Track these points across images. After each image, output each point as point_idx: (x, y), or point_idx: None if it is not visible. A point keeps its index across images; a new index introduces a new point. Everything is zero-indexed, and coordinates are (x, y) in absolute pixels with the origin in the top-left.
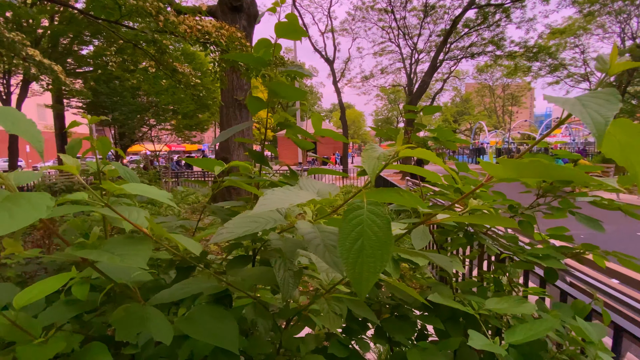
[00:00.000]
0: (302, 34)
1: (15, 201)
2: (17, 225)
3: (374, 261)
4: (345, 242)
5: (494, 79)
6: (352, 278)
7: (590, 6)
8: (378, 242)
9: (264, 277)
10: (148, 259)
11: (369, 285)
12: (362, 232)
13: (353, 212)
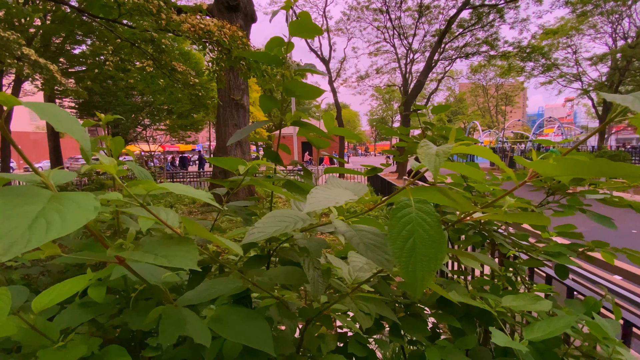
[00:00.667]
0: (317, 32)
1: (62, 202)
2: (69, 228)
3: (428, 260)
4: (397, 241)
5: (487, 79)
6: (406, 277)
7: (583, 6)
8: (430, 240)
9: (291, 277)
10: (197, 259)
11: (423, 285)
12: (413, 230)
13: (401, 210)
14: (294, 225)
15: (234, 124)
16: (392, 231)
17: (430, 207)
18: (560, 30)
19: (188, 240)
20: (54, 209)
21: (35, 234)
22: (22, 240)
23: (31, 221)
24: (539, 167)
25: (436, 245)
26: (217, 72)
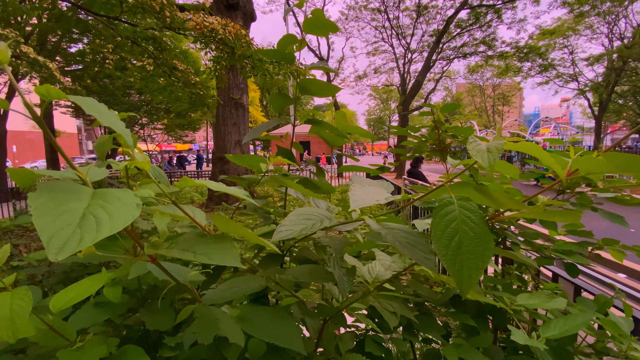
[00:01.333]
0: (332, 29)
1: (105, 199)
2: (117, 225)
3: (475, 258)
4: (442, 239)
5: (484, 79)
6: (454, 275)
7: (580, 7)
8: (476, 238)
9: (316, 275)
10: (239, 257)
11: (471, 283)
12: (458, 228)
13: (444, 208)
14: (320, 223)
15: (233, 123)
16: (436, 229)
17: (473, 204)
18: (557, 30)
19: (225, 238)
20: (99, 206)
21: (87, 232)
22: (75, 238)
23: (79, 219)
24: (584, 164)
25: (482, 243)
26: (217, 70)
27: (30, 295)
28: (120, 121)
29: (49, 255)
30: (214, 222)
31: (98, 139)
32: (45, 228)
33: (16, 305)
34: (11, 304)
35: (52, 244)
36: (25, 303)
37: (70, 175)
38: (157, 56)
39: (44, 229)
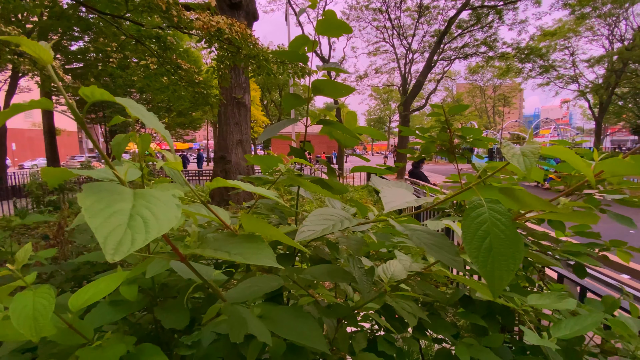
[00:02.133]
0: (346, 30)
1: (147, 199)
2: (164, 226)
3: (506, 260)
4: (473, 241)
5: (484, 80)
6: (485, 277)
7: (581, 9)
8: (507, 240)
9: (334, 275)
10: (274, 256)
11: (502, 284)
12: (489, 230)
13: (474, 210)
14: (341, 224)
15: (235, 122)
16: (467, 231)
17: (503, 207)
18: (558, 32)
19: (256, 238)
20: (144, 207)
21: (137, 233)
22: (127, 239)
23: (128, 219)
24: (610, 166)
25: (513, 245)
26: (221, 70)
27: (53, 294)
28: (158, 121)
29: (107, 256)
30: (241, 222)
31: (114, 138)
32: (100, 229)
33: (39, 304)
34: (34, 303)
35: (107, 245)
36: (48, 301)
37: (106, 175)
38: (161, 55)
39: (98, 230)
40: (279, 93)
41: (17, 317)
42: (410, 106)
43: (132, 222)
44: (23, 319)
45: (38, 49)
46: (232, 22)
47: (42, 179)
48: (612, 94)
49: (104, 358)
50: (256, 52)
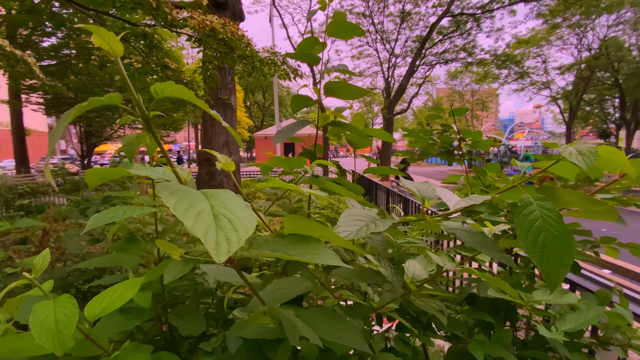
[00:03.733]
0: (358, 33)
1: (219, 199)
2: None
3: (560, 255)
4: (528, 238)
5: (463, 85)
6: (543, 271)
7: (552, 19)
8: (559, 236)
9: (364, 276)
10: (337, 256)
11: (559, 278)
12: (542, 227)
13: (525, 208)
14: (375, 226)
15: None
16: (521, 228)
17: (550, 204)
18: (531, 40)
19: (310, 238)
20: (222, 207)
21: (229, 233)
22: (222, 239)
23: (213, 219)
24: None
25: (565, 240)
26: (209, 70)
27: (75, 303)
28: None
29: (213, 257)
30: (285, 223)
31: (125, 139)
32: (195, 229)
33: (61, 314)
34: (55, 313)
35: (209, 245)
36: (71, 312)
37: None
38: (147, 53)
39: (194, 229)
40: (262, 95)
41: (39, 329)
42: (394, 109)
43: (218, 222)
44: (45, 331)
45: (111, 40)
46: (225, 22)
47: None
48: (580, 99)
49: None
50: (250, 52)
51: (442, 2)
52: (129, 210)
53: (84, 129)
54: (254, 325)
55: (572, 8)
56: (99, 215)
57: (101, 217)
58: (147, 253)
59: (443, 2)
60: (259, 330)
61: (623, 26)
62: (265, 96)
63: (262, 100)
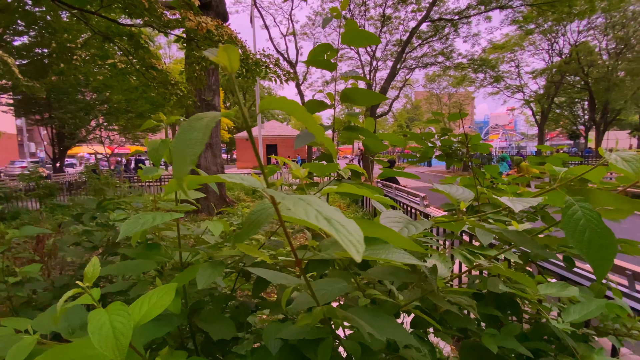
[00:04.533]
0: (372, 41)
1: (317, 205)
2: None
3: (604, 250)
4: (575, 235)
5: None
6: (593, 265)
7: (526, 25)
8: (602, 233)
9: (398, 275)
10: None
11: (604, 271)
12: (586, 225)
13: (570, 209)
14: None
15: None
16: (567, 227)
17: (590, 205)
18: (505, 45)
19: (377, 240)
20: (327, 212)
21: (349, 235)
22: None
23: (329, 224)
24: None
25: (607, 237)
26: (196, 71)
27: (128, 310)
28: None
29: (356, 257)
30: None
31: (150, 144)
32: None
33: (117, 323)
34: (111, 322)
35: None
36: (125, 319)
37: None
38: (132, 54)
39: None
40: (243, 95)
41: (98, 338)
42: (376, 112)
43: (334, 225)
44: (104, 339)
45: (232, 57)
46: (218, 23)
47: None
48: (551, 103)
49: None
50: (245, 55)
51: (421, 8)
52: (159, 217)
53: (56, 131)
54: (292, 327)
55: (544, 14)
56: (130, 222)
57: (133, 224)
58: (168, 259)
59: (422, 8)
60: (299, 330)
61: (593, 31)
62: (246, 97)
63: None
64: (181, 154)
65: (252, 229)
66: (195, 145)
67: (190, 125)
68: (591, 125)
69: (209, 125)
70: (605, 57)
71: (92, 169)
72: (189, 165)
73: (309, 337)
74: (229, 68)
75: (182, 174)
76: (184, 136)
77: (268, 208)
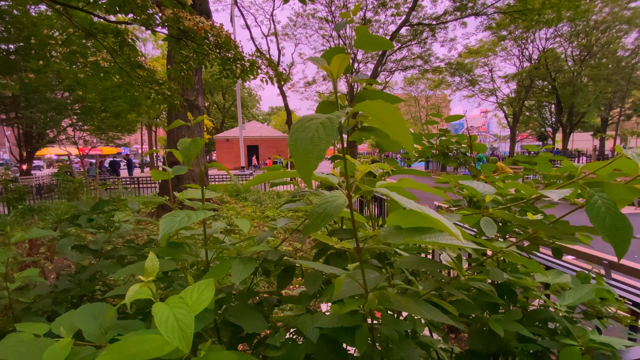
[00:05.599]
0: (386, 46)
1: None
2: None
3: (622, 232)
4: (597, 221)
5: (419, 91)
6: (613, 245)
7: (498, 32)
8: (619, 219)
9: (425, 264)
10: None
11: (624, 250)
12: (606, 212)
13: (591, 198)
14: (452, 218)
15: (188, 125)
16: (591, 214)
17: (607, 195)
18: (480, 50)
19: (424, 228)
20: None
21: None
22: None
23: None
24: None
25: (624, 222)
26: (184, 71)
27: (187, 303)
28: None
29: (461, 243)
30: (391, 217)
31: (180, 143)
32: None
33: (179, 315)
34: (174, 314)
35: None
36: (186, 311)
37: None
38: (117, 51)
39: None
40: (222, 95)
41: (165, 329)
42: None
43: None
44: (171, 331)
45: (342, 65)
46: (212, 24)
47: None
48: (522, 106)
49: None
50: (240, 55)
51: (400, 12)
52: (193, 215)
53: (24, 131)
54: (328, 316)
55: (516, 22)
56: (168, 220)
57: (170, 222)
58: (194, 256)
59: (401, 12)
60: (336, 319)
61: (560, 39)
62: (225, 97)
63: (222, 101)
64: (304, 152)
65: (323, 220)
66: (321, 142)
67: (303, 125)
68: (558, 127)
69: (334, 122)
70: (571, 63)
71: (66, 171)
72: (316, 161)
73: (347, 325)
74: (335, 75)
75: (308, 172)
76: (299, 135)
77: (334, 201)
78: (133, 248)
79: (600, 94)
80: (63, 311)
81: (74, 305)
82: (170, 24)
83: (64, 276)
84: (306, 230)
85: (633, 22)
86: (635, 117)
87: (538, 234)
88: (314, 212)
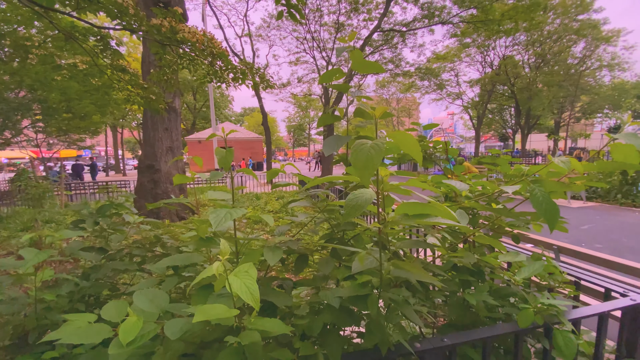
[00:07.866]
0: (377, 70)
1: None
2: None
3: (554, 213)
4: (538, 205)
5: (390, 94)
6: (548, 222)
7: (463, 39)
8: (551, 205)
9: (419, 244)
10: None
11: (554, 224)
12: (543, 200)
13: (534, 190)
14: None
15: (165, 128)
16: (534, 201)
17: (543, 189)
18: (446, 56)
19: (425, 215)
20: None
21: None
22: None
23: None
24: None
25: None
26: (167, 74)
27: (253, 273)
28: None
29: (460, 222)
30: (400, 207)
31: (217, 152)
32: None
33: (247, 282)
34: (244, 282)
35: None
36: (251, 280)
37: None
38: (99, 54)
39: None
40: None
41: (240, 292)
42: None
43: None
44: (245, 294)
45: (384, 112)
46: (204, 32)
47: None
48: (485, 109)
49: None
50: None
51: (372, 17)
52: (234, 212)
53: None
54: (344, 288)
55: (479, 31)
56: (216, 216)
57: (217, 217)
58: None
59: (373, 17)
60: (353, 289)
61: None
62: (196, 97)
63: (193, 102)
64: (364, 166)
65: (356, 210)
66: (373, 160)
67: (359, 147)
68: (517, 129)
69: (380, 146)
70: (528, 70)
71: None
72: (373, 170)
73: (361, 293)
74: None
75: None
76: (358, 155)
77: (362, 195)
78: (143, 248)
79: (553, 98)
80: (84, 308)
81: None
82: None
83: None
84: (344, 217)
85: (581, 32)
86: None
87: (500, 223)
88: (349, 205)
